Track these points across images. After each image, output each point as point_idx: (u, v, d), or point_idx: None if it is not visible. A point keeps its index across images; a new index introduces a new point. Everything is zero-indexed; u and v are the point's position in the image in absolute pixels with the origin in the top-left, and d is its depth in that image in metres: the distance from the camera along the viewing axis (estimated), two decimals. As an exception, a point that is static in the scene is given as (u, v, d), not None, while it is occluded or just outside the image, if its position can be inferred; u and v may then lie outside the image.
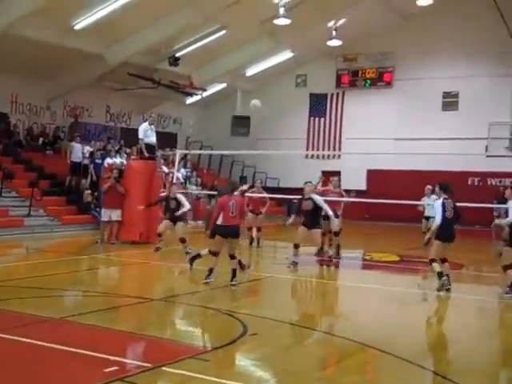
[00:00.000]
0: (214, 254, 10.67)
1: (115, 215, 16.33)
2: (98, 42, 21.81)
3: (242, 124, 29.60)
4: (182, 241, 13.85)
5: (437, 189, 12.38)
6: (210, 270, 10.51)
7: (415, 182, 23.86)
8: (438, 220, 10.55)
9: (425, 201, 16.63)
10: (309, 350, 7.35)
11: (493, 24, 24.31)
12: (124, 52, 22.65)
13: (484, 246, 19.11)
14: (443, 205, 10.50)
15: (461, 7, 25.66)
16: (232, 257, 10.64)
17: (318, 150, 29.61)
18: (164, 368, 6.00)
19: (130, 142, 21.99)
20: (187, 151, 25.35)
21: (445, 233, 10.57)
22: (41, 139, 23.36)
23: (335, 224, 14.33)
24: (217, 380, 5.71)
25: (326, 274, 13.66)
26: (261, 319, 8.31)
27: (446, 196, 10.71)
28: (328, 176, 17.06)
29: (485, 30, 25.31)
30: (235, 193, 11.05)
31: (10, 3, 18.03)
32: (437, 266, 10.58)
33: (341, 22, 25.74)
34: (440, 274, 10.54)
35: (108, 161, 20.06)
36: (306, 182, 13.63)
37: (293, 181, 23.07)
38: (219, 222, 10.61)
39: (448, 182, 11.12)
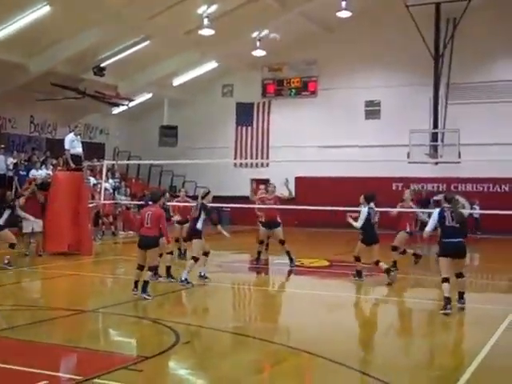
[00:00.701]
0: (138, 267, 10.38)
1: (37, 226, 15.92)
2: (19, 51, 21.43)
3: (169, 134, 29.57)
4: None
5: (362, 199, 12.38)
6: (135, 283, 10.31)
7: (342, 187, 24.52)
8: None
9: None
10: (243, 356, 7.46)
11: (410, 35, 25.18)
12: (47, 61, 22.35)
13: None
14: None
15: (380, 18, 26.56)
16: (148, 268, 10.31)
17: (246, 158, 29.93)
18: (96, 380, 5.90)
19: (56, 153, 21.64)
20: (114, 161, 25.14)
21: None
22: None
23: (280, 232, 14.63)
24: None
25: (259, 281, 13.86)
26: (192, 327, 8.42)
27: (370, 206, 10.98)
28: (258, 184, 17.28)
29: (403, 41, 26.20)
30: (158, 203, 10.86)
31: None
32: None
33: (264, 32, 26.14)
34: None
35: (33, 172, 19.69)
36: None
37: (223, 189, 23.20)
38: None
39: (373, 193, 11.25)
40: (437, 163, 25.12)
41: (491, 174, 24.95)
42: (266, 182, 19.09)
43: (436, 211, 9.82)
